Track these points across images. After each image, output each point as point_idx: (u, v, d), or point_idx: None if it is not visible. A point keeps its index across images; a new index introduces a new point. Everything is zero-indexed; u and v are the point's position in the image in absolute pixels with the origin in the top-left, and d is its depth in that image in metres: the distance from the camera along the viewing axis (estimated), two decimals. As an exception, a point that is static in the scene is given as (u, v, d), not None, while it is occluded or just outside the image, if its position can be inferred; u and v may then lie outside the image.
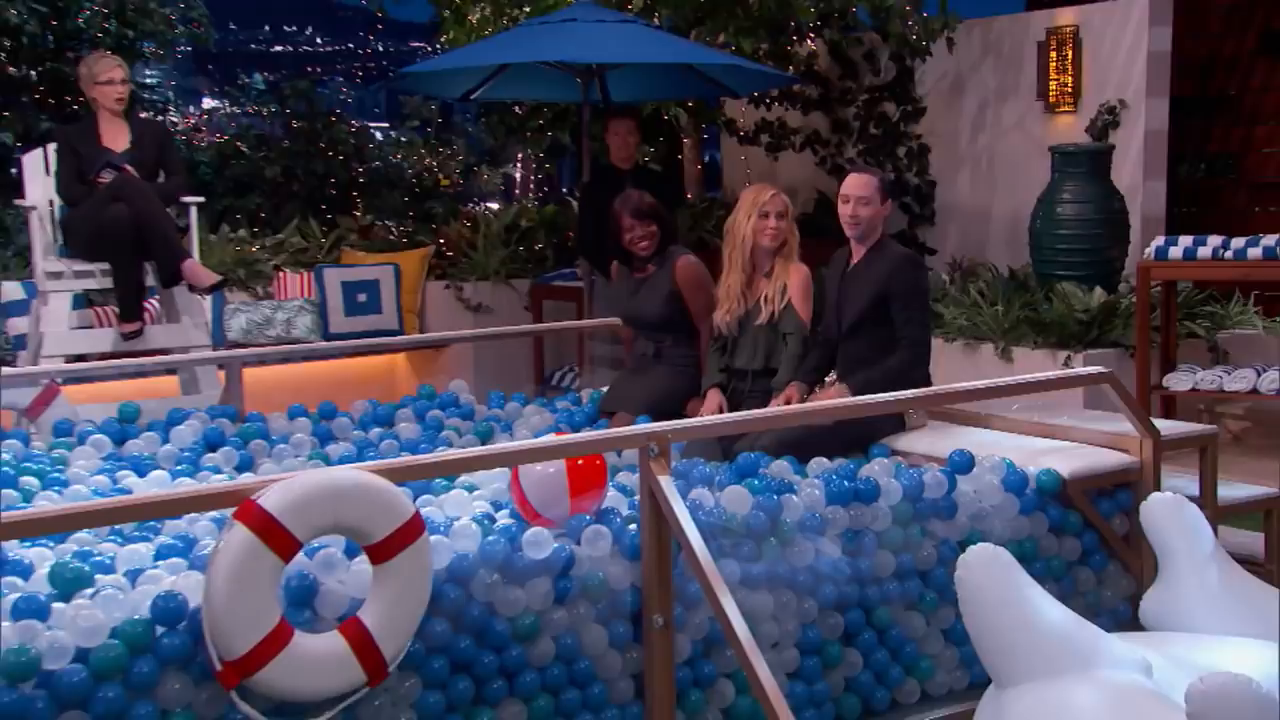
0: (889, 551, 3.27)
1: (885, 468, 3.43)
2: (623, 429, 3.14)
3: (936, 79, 8.67)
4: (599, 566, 2.87)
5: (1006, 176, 8.26)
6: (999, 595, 2.66)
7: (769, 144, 9.28)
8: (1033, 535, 3.48)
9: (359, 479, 2.41)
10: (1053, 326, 6.25)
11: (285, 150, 8.43)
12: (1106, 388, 3.62)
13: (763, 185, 4.56)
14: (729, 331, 4.49)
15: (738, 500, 3.11)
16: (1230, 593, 3.01)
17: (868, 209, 4.14)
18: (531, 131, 9.78)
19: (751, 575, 3.06)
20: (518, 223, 8.30)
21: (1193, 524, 3.09)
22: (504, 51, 6.82)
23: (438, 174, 9.17)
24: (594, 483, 2.93)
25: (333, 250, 7.78)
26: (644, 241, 4.72)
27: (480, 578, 2.70)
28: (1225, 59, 8.70)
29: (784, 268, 4.45)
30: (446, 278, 7.83)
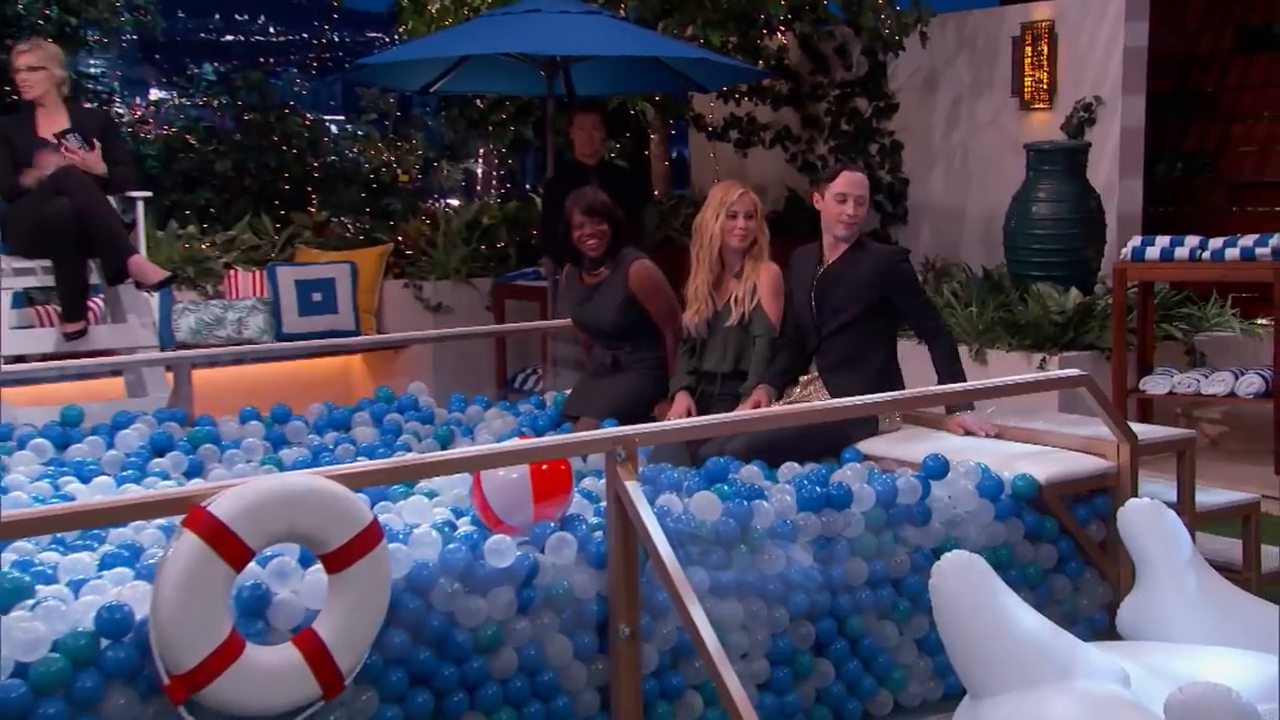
0: (861, 559, 3.29)
1: (858, 473, 3.44)
2: (588, 433, 3.14)
3: (910, 74, 8.72)
4: (564, 575, 2.87)
5: (981, 174, 8.32)
6: (974, 603, 2.68)
7: (738, 140, 9.30)
8: (1008, 542, 3.51)
9: (314, 485, 2.39)
10: (1028, 328, 6.30)
11: (236, 143, 8.36)
12: (1083, 391, 3.65)
13: (731, 183, 4.57)
14: (698, 333, 4.50)
15: (707, 506, 3.11)
16: (1209, 600, 3.05)
17: (864, 208, 4.20)
18: (494, 125, 9.75)
19: (721, 583, 3.07)
20: (479, 220, 8.27)
21: (1171, 530, 3.12)
22: (465, 42, 6.79)
23: (396, 169, 9.13)
24: (558, 488, 2.93)
25: (286, 247, 7.72)
26: (593, 240, 4.67)
27: (440, 587, 2.69)
28: (1202, 56, 8.80)
29: (754, 268, 4.47)
30: (405, 276, 7.79)
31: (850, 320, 4.14)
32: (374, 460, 3.55)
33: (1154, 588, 3.10)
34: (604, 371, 4.80)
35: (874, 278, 4.10)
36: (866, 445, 3.96)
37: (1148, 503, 3.15)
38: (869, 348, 4.15)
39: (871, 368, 4.10)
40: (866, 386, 3.92)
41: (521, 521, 2.96)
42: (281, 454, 4.07)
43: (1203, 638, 2.97)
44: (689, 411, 4.43)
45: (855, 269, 4.15)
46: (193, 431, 4.13)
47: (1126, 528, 3.18)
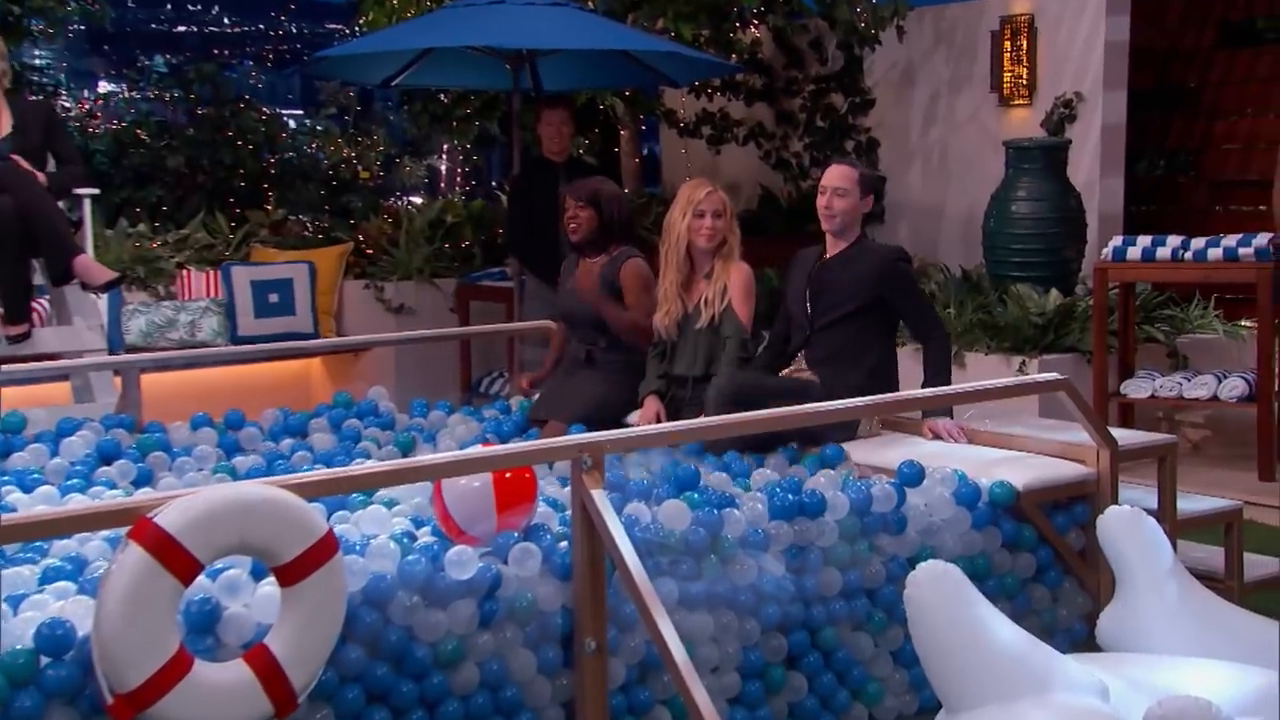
0: (835, 569, 3.29)
1: (832, 480, 3.45)
2: (554, 440, 3.13)
3: (886, 69, 8.76)
4: (527, 587, 2.86)
5: (960, 172, 8.37)
6: (949, 614, 2.68)
7: (711, 136, 9.31)
8: (985, 551, 3.52)
9: (266, 495, 2.37)
10: (1007, 330, 6.34)
11: (189, 138, 8.29)
12: (1062, 395, 3.67)
13: (699, 181, 4.58)
14: (668, 335, 4.51)
15: (676, 515, 3.11)
16: (1190, 611, 3.06)
17: (844, 201, 4.21)
18: (458, 121, 9.72)
19: (690, 595, 3.06)
20: (442, 218, 8.25)
21: (1151, 539, 3.14)
22: (427, 35, 6.77)
23: (356, 166, 9.08)
24: (522, 497, 2.92)
25: (241, 247, 7.67)
26: (573, 224, 4.77)
27: (399, 600, 2.67)
28: (1184, 51, 8.89)
29: (724, 268, 4.48)
30: (366, 277, 7.76)
31: (843, 316, 4.17)
32: (330, 469, 3.52)
33: (1134, 598, 3.11)
34: (577, 367, 4.83)
35: (871, 276, 4.15)
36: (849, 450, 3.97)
37: (1127, 510, 3.17)
38: (862, 346, 4.18)
39: (863, 367, 4.12)
40: (858, 386, 3.96)
41: (484, 531, 2.95)
42: (235, 462, 4.04)
43: (1183, 649, 2.98)
44: (658, 416, 4.43)
45: (853, 266, 4.19)
46: (141, 438, 4.10)
47: (1106, 536, 3.19)
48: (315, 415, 4.54)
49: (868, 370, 4.13)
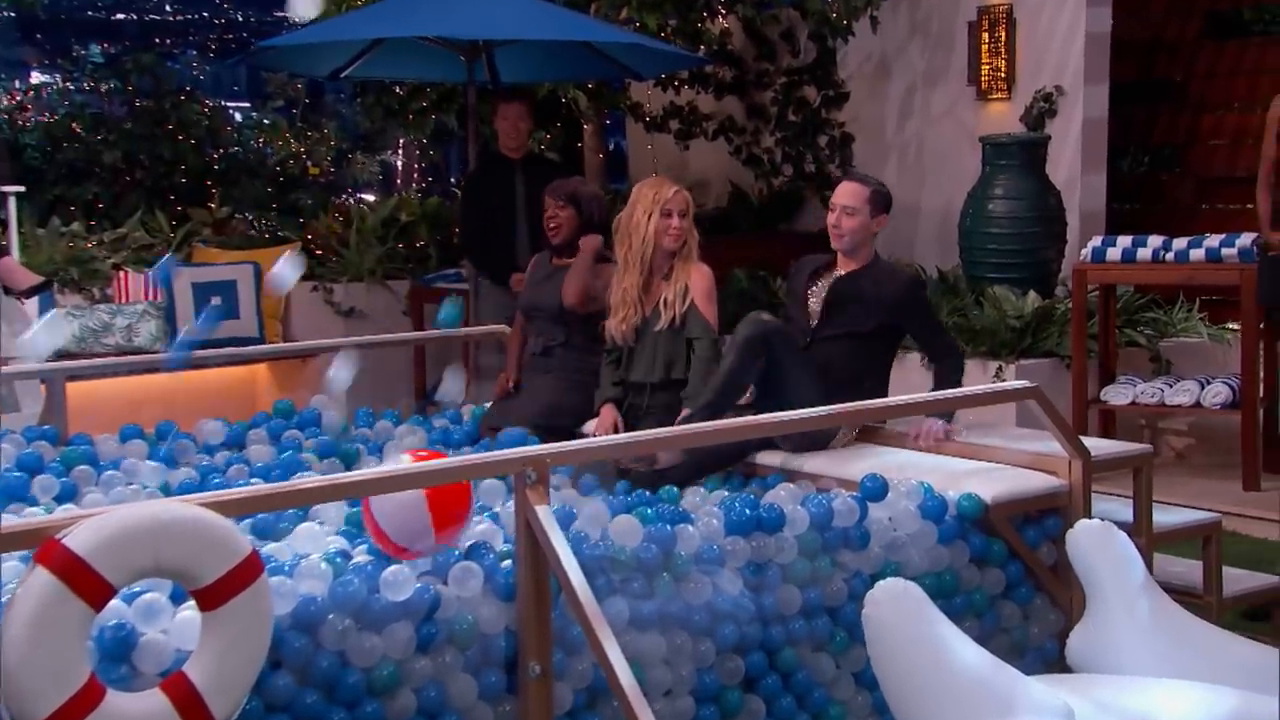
0: (795, 586, 3.29)
1: (792, 494, 3.44)
2: (494, 454, 3.11)
3: (860, 61, 8.78)
4: (468, 608, 2.84)
5: (936, 169, 8.39)
6: (909, 634, 2.69)
7: (679, 131, 9.31)
8: (953, 566, 3.53)
9: (183, 513, 2.34)
10: (983, 334, 6.36)
11: (127, 132, 8.23)
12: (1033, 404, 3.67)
13: (662, 179, 4.57)
14: (624, 341, 4.50)
15: (627, 531, 3.10)
16: (1161, 629, 3.08)
17: (853, 220, 4.22)
18: (414, 114, 9.69)
19: (642, 615, 3.05)
20: (396, 216, 8.22)
21: (1122, 554, 3.16)
22: (377, 24, 6.74)
23: (306, 161, 9.04)
24: (459, 511, 2.90)
25: (182, 246, 7.61)
26: (553, 224, 4.83)
27: (330, 624, 2.65)
28: (1169, 42, 8.95)
29: (684, 269, 4.47)
30: (314, 278, 7.71)
31: (850, 334, 4.21)
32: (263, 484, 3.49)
33: (1104, 615, 3.13)
34: (533, 364, 4.84)
35: (887, 303, 4.19)
36: (806, 462, 3.96)
37: (1097, 524, 3.19)
38: (862, 366, 4.21)
39: (861, 387, 4.08)
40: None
41: (426, 546, 2.93)
42: (167, 476, 3.99)
43: (1155, 669, 3.00)
44: (615, 426, 4.42)
45: (867, 288, 4.22)
46: (66, 451, 4.05)
47: (1075, 551, 3.21)
48: (253, 426, 4.51)
49: (865, 391, 4.12)
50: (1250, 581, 4.12)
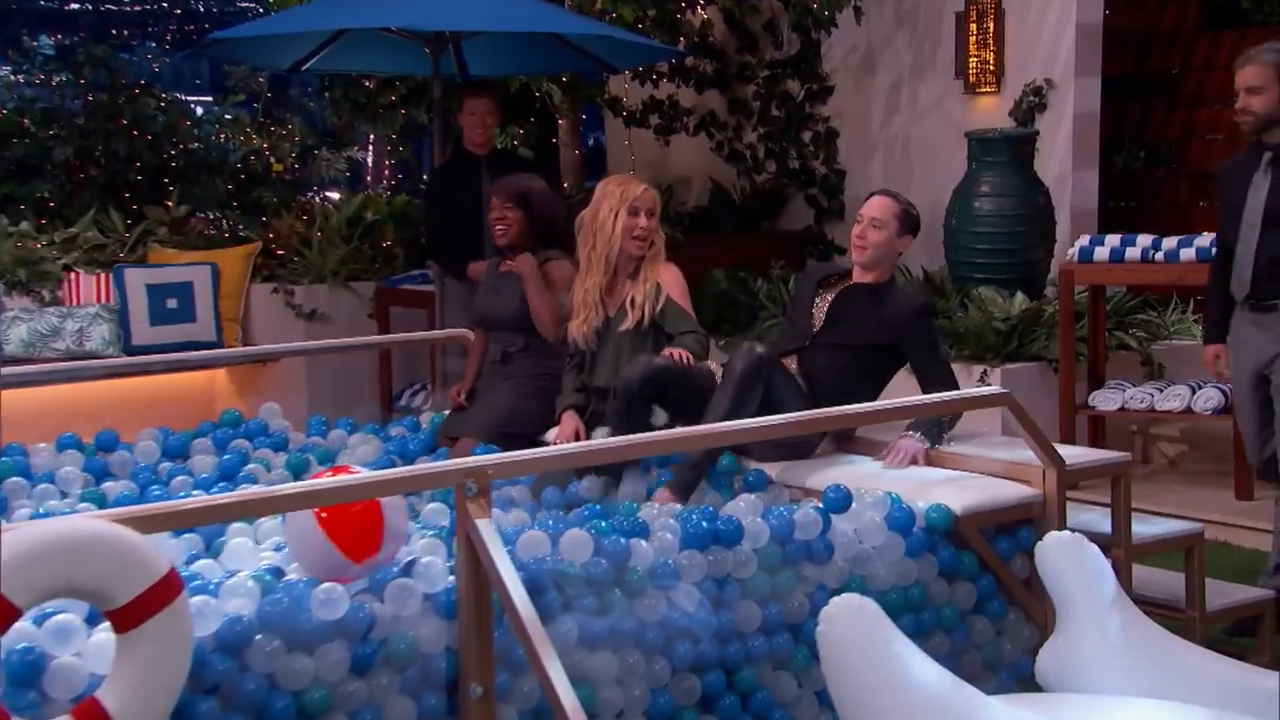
0: (754, 602, 3.27)
1: (752, 505, 3.42)
2: (432, 466, 3.09)
3: (845, 53, 8.77)
4: (407, 627, 2.82)
5: (923, 165, 8.38)
6: (865, 653, 2.67)
7: (659, 126, 9.30)
8: (921, 580, 3.52)
9: (97, 530, 2.32)
10: (967, 337, 6.34)
11: (79, 127, 8.17)
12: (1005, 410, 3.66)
13: (629, 177, 4.55)
14: (586, 344, 4.47)
15: (576, 546, 3.08)
16: (1134, 646, 3.07)
17: (879, 234, 4.23)
18: (382, 109, 9.66)
19: (592, 633, 3.03)
20: (362, 215, 8.17)
21: (1093, 567, 3.14)
22: (340, 15, 6.71)
23: (269, 158, 8.99)
24: (364, 534, 2.86)
25: (138, 247, 7.56)
26: (499, 226, 4.80)
27: (258, 645, 2.63)
28: (1165, 34, 8.95)
29: (653, 268, 4.44)
30: (275, 279, 7.66)
31: (851, 346, 4.21)
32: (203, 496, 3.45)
33: (1074, 632, 3.11)
34: (492, 371, 4.84)
35: (892, 324, 4.19)
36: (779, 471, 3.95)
37: (1067, 536, 3.17)
38: (859, 378, 4.21)
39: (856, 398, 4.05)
40: None
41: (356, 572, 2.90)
42: (104, 488, 3.97)
43: (1127, 687, 2.98)
44: (577, 434, 4.40)
45: (875, 305, 4.23)
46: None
47: (1044, 564, 3.19)
48: (198, 435, 4.48)
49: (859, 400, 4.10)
50: (1237, 595, 4.11)
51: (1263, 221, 4.29)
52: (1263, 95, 4.24)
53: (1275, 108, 4.24)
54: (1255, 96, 4.25)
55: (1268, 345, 4.31)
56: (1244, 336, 4.40)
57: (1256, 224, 4.30)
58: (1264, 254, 4.29)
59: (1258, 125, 4.29)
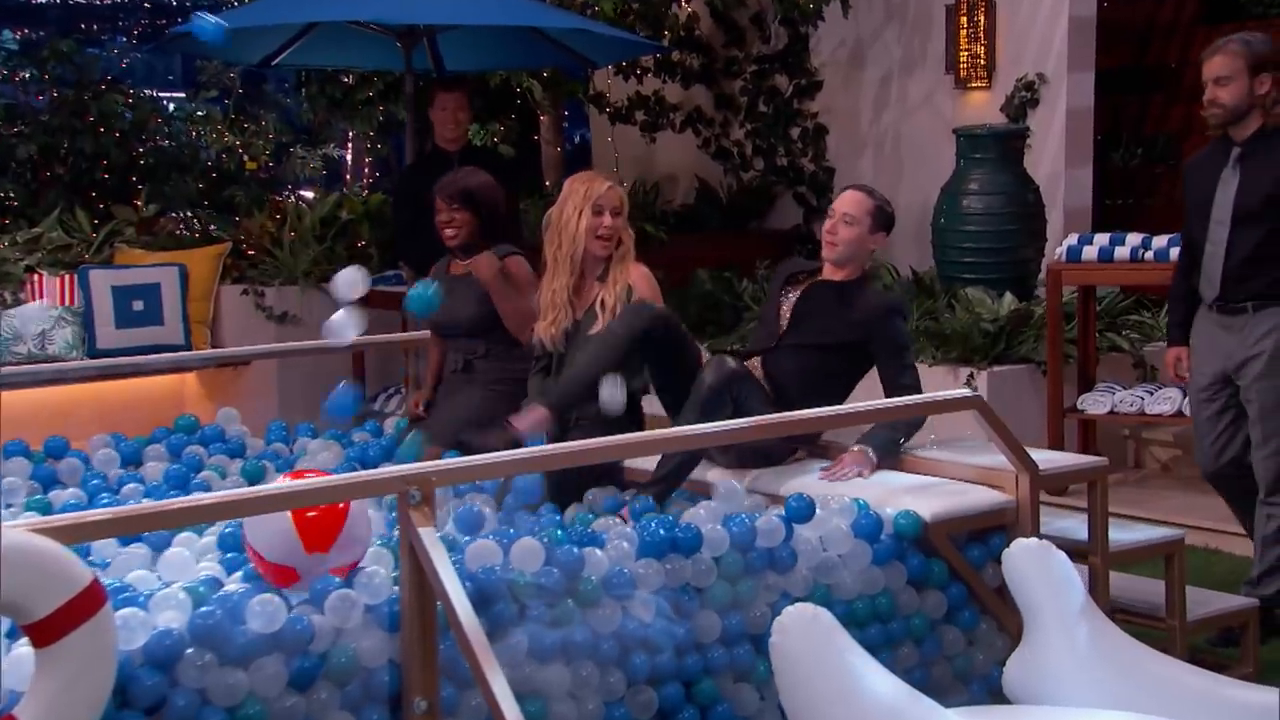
0: (714, 612, 3.26)
1: (712, 512, 3.41)
2: (374, 472, 3.07)
3: (834, 47, 8.76)
4: (348, 640, 2.80)
5: (914, 162, 8.37)
6: (819, 663, 2.66)
7: (644, 123, 9.29)
8: (889, 589, 3.50)
9: (12, 541, 2.29)
10: (953, 339, 6.33)
11: (44, 125, 8.15)
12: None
13: (594, 174, 4.53)
14: (554, 346, 4.44)
15: (527, 555, 3.06)
16: (1103, 656, 3.05)
17: (851, 230, 4.22)
18: (360, 105, 9.65)
19: (544, 645, 3.02)
20: (337, 214, 8.14)
21: (1060, 575, 3.13)
22: (310, 8, 6.71)
23: (242, 155, 8.98)
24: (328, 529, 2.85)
25: (104, 247, 7.54)
26: (449, 229, 4.77)
27: (189, 659, 2.61)
28: (1162, 26, 8.93)
29: (621, 269, 4.41)
30: (246, 280, 7.64)
31: (817, 346, 4.20)
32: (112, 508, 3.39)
33: (1041, 641, 3.10)
34: (454, 380, 4.81)
35: (861, 322, 4.17)
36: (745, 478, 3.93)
37: (1034, 543, 3.16)
38: (824, 377, 4.19)
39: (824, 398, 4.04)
40: None
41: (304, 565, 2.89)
42: (51, 496, 3.95)
43: (1094, 699, 2.97)
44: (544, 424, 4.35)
45: (843, 302, 4.21)
46: (-57, 470, 4.01)
47: (1011, 572, 3.18)
48: (152, 441, 4.47)
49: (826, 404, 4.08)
50: (1218, 604, 4.09)
51: (1233, 219, 4.25)
52: (1231, 86, 4.20)
53: (1244, 99, 4.20)
54: (1223, 88, 4.22)
55: (1237, 348, 4.28)
56: (1210, 338, 4.37)
57: (1226, 221, 4.27)
58: (1234, 253, 4.25)
59: (1226, 118, 4.26)
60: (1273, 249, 4.21)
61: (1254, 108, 4.20)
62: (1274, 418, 4.23)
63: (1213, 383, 4.37)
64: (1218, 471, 4.42)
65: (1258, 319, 4.22)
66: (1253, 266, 4.22)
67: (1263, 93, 4.19)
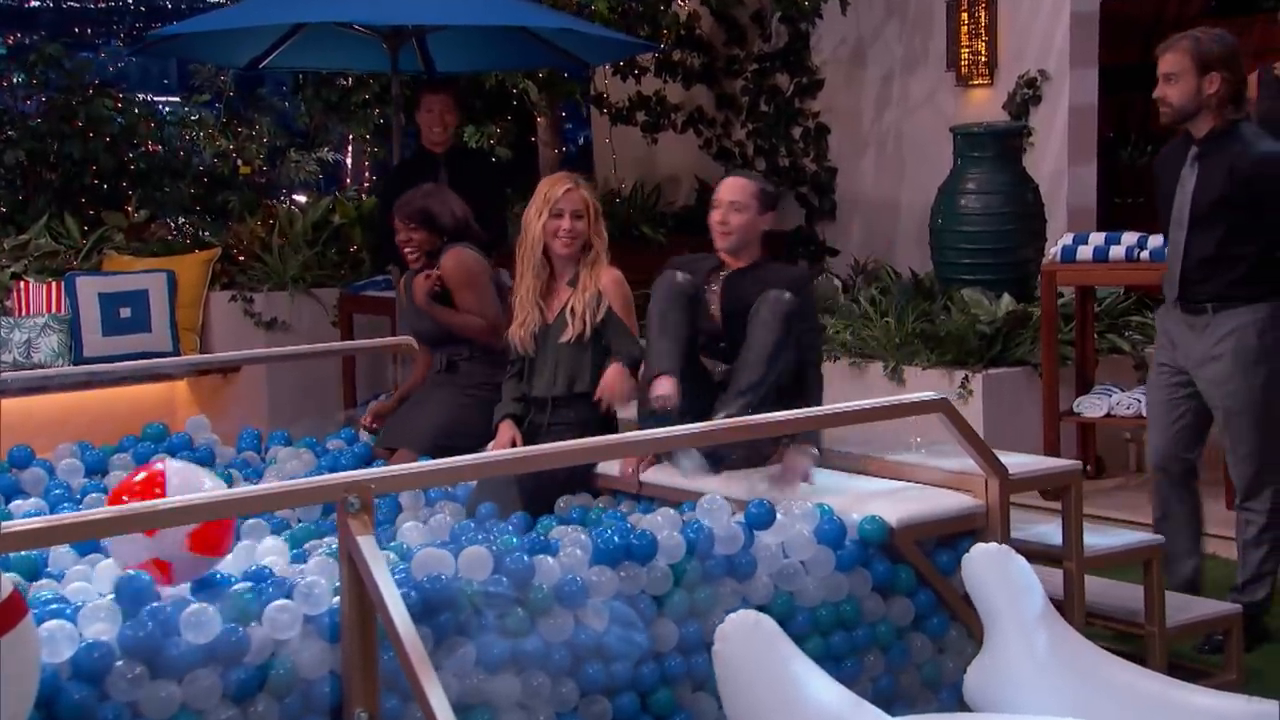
0: (671, 620, 3.25)
1: (669, 518, 3.40)
2: (309, 480, 3.08)
3: (835, 45, 8.75)
4: (286, 651, 2.80)
5: (916, 162, 8.35)
6: (761, 671, 2.66)
7: (646, 123, 9.31)
8: (854, 595, 3.48)
9: (-72, 550, 2.31)
10: (948, 341, 6.30)
11: (32, 130, 8.20)
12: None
13: (560, 176, 4.53)
14: (524, 349, 4.45)
15: (475, 563, 3.06)
16: (1063, 664, 3.05)
17: (741, 216, 4.20)
18: (357, 107, 9.69)
19: (493, 656, 3.01)
20: (329, 219, 8.18)
21: (1020, 580, 3.12)
22: (296, 9, 6.73)
23: (236, 160, 9.02)
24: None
25: (92, 254, 7.58)
26: (408, 249, 4.84)
27: (119, 672, 2.60)
28: (1169, 20, 8.88)
29: (591, 275, 4.41)
30: (235, 286, 7.67)
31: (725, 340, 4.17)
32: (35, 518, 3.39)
33: (1001, 648, 3.10)
34: (436, 381, 4.85)
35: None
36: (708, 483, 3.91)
37: (994, 548, 3.15)
38: None
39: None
40: None
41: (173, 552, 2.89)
42: (12, 505, 3.98)
43: (1054, 707, 2.96)
44: (513, 444, 4.38)
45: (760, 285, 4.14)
46: (-94, 480, 4.04)
47: (970, 577, 3.18)
48: (118, 450, 4.49)
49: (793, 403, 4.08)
50: (1199, 609, 4.06)
51: (1190, 220, 4.21)
52: (1178, 85, 4.16)
53: (1191, 99, 4.15)
54: (1171, 86, 4.18)
55: (1197, 347, 4.24)
56: (1175, 336, 4.33)
57: (1184, 222, 4.22)
58: (1192, 254, 4.21)
59: (1174, 117, 4.21)
60: (1228, 250, 4.16)
61: (1203, 108, 4.16)
62: (1241, 420, 4.21)
63: (1173, 377, 4.34)
64: (1165, 464, 4.39)
65: (1218, 320, 4.19)
66: (1210, 268, 4.18)
67: (1211, 92, 4.13)
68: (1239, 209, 4.14)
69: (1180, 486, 4.40)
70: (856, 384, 6.58)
